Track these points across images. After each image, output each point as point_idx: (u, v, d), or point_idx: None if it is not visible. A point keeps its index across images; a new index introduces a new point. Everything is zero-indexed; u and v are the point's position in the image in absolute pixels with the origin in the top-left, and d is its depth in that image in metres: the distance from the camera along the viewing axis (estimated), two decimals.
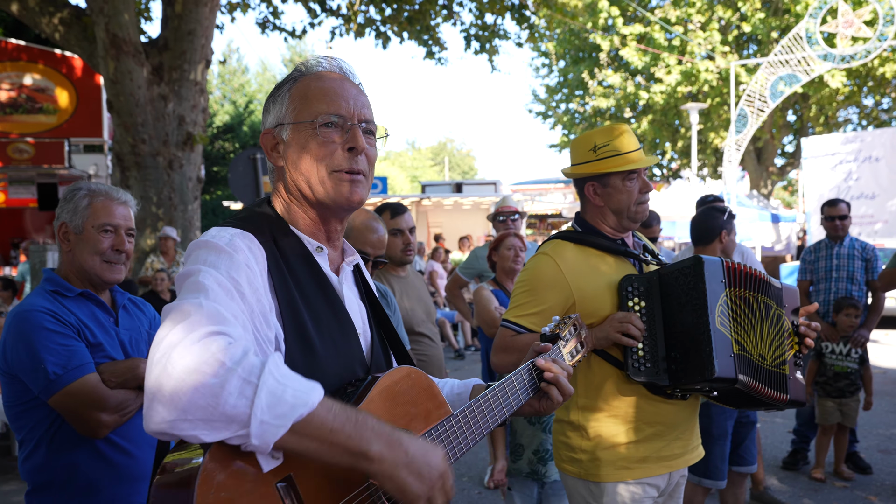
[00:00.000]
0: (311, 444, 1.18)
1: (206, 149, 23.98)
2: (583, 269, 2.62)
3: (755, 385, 2.40)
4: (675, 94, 24.70)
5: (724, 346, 2.36)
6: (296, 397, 1.16)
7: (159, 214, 9.60)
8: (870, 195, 15.79)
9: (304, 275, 1.50)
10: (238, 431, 1.13)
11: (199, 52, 9.67)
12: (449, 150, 73.80)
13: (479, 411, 1.57)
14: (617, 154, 2.64)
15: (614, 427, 2.57)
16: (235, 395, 1.11)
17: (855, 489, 5.54)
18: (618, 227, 2.71)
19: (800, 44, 16.69)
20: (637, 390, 2.56)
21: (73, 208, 2.42)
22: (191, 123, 9.75)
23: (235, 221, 1.48)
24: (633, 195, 2.66)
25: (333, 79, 1.56)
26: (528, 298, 2.63)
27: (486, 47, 13.39)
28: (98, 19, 9.03)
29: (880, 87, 24.49)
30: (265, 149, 1.58)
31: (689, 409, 2.67)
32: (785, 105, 25.08)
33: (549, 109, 32.54)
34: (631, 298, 2.54)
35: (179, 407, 1.10)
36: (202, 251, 1.37)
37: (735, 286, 2.47)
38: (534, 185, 33.72)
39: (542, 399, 1.75)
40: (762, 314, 2.50)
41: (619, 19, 24.75)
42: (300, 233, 1.55)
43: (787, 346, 2.52)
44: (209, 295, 1.25)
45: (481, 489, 5.74)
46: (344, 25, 13.01)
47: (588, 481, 2.59)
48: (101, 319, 2.44)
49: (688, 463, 2.68)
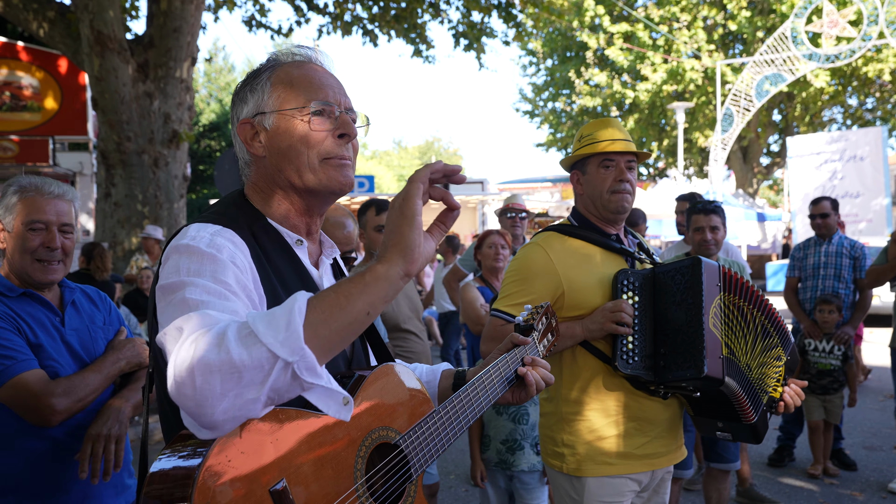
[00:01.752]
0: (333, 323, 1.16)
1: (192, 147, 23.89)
2: (574, 260, 2.62)
3: (738, 390, 2.41)
4: (660, 92, 24.80)
5: (714, 346, 2.36)
6: (283, 308, 1.13)
7: (145, 213, 9.53)
8: (854, 194, 15.93)
9: (285, 268, 1.47)
10: (275, 368, 1.08)
11: (184, 50, 9.61)
12: (436, 149, 73.80)
13: (460, 406, 1.55)
14: (596, 141, 2.67)
15: (596, 421, 2.57)
16: (245, 352, 1.08)
17: (840, 486, 5.57)
18: (602, 219, 2.71)
19: (785, 43, 16.80)
20: (620, 385, 2.57)
21: (5, 206, 2.28)
22: (176, 121, 9.69)
23: (212, 216, 1.44)
24: (607, 182, 2.65)
25: (314, 67, 1.55)
26: (518, 288, 2.63)
27: (473, 45, 13.39)
28: (83, 16, 8.95)
29: (864, 86, 24.72)
30: (242, 139, 1.52)
31: (671, 410, 2.67)
32: (770, 104, 25.25)
33: (535, 108, 32.62)
34: (625, 292, 2.54)
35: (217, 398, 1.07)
36: (183, 258, 1.31)
37: (729, 292, 2.47)
38: (521, 183, 33.81)
39: (517, 391, 1.75)
40: (758, 332, 2.50)
41: (606, 18, 24.83)
42: (279, 226, 1.52)
43: (772, 384, 2.52)
44: (199, 307, 1.22)
45: (468, 486, 5.74)
46: (331, 23, 12.97)
47: (570, 476, 2.60)
48: (45, 320, 2.31)
49: (671, 462, 2.69)
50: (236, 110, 1.54)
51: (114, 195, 9.57)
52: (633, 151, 2.68)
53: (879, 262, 5.64)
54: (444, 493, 5.59)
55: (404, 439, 1.41)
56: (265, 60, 1.57)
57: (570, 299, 2.58)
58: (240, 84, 1.57)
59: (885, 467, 5.99)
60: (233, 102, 1.56)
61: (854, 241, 6.12)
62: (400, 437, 1.42)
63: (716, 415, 2.58)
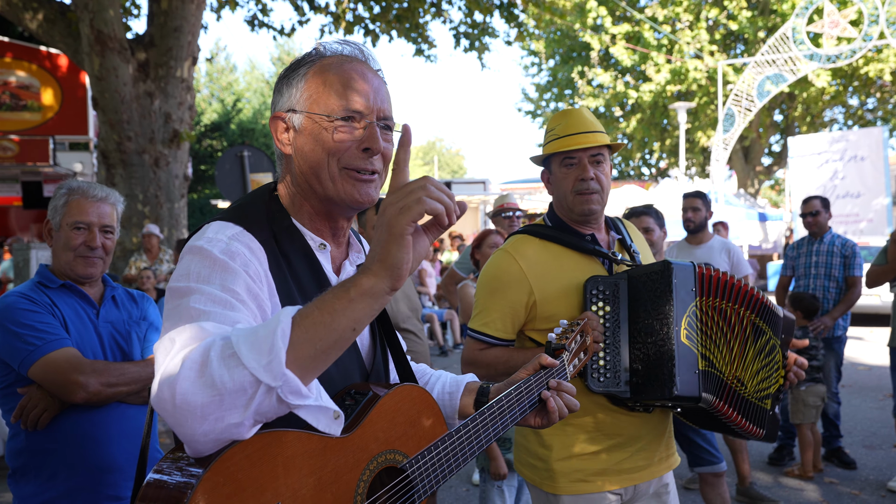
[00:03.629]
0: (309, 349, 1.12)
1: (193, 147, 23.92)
2: (546, 267, 2.42)
3: (722, 407, 2.19)
4: (663, 93, 24.80)
5: (688, 361, 2.15)
6: (267, 326, 1.11)
7: (145, 212, 9.54)
8: (855, 194, 15.91)
9: (304, 274, 1.43)
10: (258, 392, 1.07)
11: (185, 49, 9.61)
12: (438, 149, 73.79)
13: (475, 432, 1.50)
14: (556, 137, 2.43)
15: (571, 437, 2.40)
16: (227, 373, 1.06)
17: (840, 484, 5.57)
18: (571, 220, 2.49)
19: (786, 43, 16.79)
20: (597, 400, 2.37)
21: (54, 206, 2.53)
22: (177, 121, 9.69)
23: (236, 214, 1.41)
24: (569, 182, 2.41)
25: (355, 68, 1.47)
26: (489, 302, 2.45)
27: (475, 45, 13.39)
28: (83, 15, 8.95)
29: (865, 86, 24.69)
30: (273, 133, 1.49)
31: (655, 421, 2.48)
32: (772, 104, 25.22)
33: (538, 108, 32.59)
34: (595, 302, 2.32)
35: (196, 418, 1.06)
36: (195, 261, 1.29)
37: (708, 295, 2.23)
38: (523, 183, 33.78)
39: (540, 415, 1.69)
40: (747, 334, 2.27)
41: (608, 18, 24.82)
42: (303, 227, 1.48)
43: (773, 381, 2.31)
44: (200, 318, 1.21)
45: (469, 486, 5.74)
46: (333, 23, 12.97)
47: (544, 491, 2.45)
48: (80, 311, 2.52)
49: (653, 475, 2.48)
50: (274, 100, 1.51)
51: None
52: (595, 146, 2.40)
53: (879, 263, 5.64)
54: (445, 493, 5.59)
55: (411, 464, 1.38)
56: (309, 52, 1.51)
57: (542, 310, 2.39)
58: (282, 74, 1.52)
59: (884, 466, 5.99)
60: (275, 88, 1.53)
61: (846, 239, 6.12)
62: (407, 461, 1.38)
63: (714, 427, 2.41)
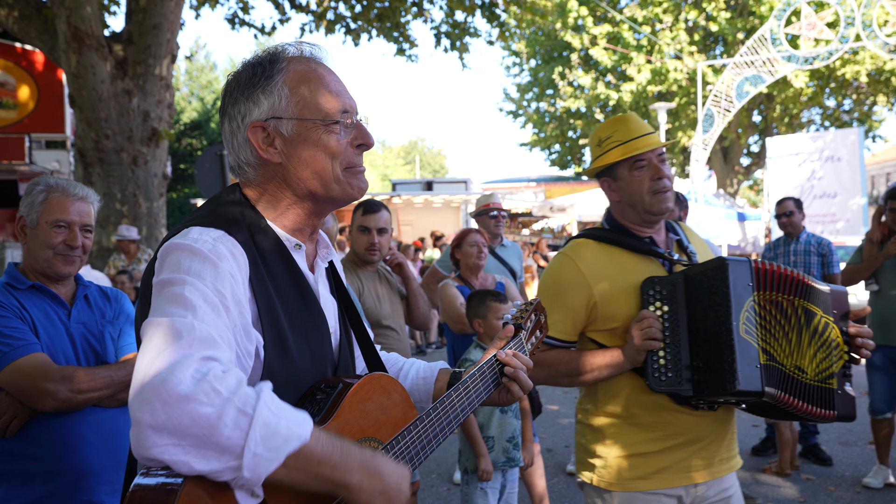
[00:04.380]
0: (297, 475, 1.18)
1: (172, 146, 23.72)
2: (605, 269, 2.46)
3: (786, 398, 2.18)
4: (644, 93, 24.96)
5: (749, 355, 2.16)
6: (289, 429, 1.15)
7: (123, 211, 9.44)
8: (832, 194, 16.11)
9: (281, 275, 1.45)
10: (229, 462, 1.10)
11: (164, 47, 9.53)
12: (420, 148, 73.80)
13: (444, 412, 1.55)
14: (619, 143, 2.47)
15: (633, 436, 2.41)
16: (231, 425, 1.09)
17: (817, 481, 5.63)
18: (641, 222, 2.52)
19: (764, 45, 16.95)
20: (660, 400, 2.38)
21: (30, 203, 2.46)
22: (156, 119, 9.60)
23: (213, 219, 1.41)
24: (644, 184, 2.44)
25: (325, 67, 1.52)
26: (550, 304, 2.42)
27: (456, 45, 13.40)
28: (59, 12, 8.85)
29: (842, 88, 25.02)
30: (255, 143, 1.45)
31: (721, 420, 2.46)
32: (750, 105, 25.47)
33: (519, 108, 32.69)
34: (652, 303, 2.36)
35: (173, 433, 1.08)
36: (185, 256, 1.30)
37: (765, 289, 2.25)
38: (504, 183, 33.90)
39: (503, 392, 1.74)
40: (801, 322, 2.26)
41: (589, 19, 24.94)
42: (280, 230, 1.49)
43: (834, 358, 2.27)
44: (197, 313, 1.21)
45: (450, 485, 5.74)
46: (314, 22, 12.92)
47: (600, 488, 2.45)
48: (51, 313, 2.44)
49: (713, 476, 2.45)
50: (241, 109, 1.47)
51: None
52: (662, 144, 2.48)
53: (854, 262, 5.71)
54: (426, 492, 5.59)
55: (387, 450, 1.40)
56: (272, 56, 1.50)
57: (602, 310, 2.42)
58: (244, 79, 1.48)
59: (859, 462, 6.06)
60: (233, 99, 1.48)
61: (821, 238, 6.19)
62: (382, 447, 1.41)
63: (785, 416, 2.39)
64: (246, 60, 1.53)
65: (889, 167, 41.90)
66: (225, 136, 1.53)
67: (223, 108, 1.52)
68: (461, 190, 21.68)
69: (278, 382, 1.33)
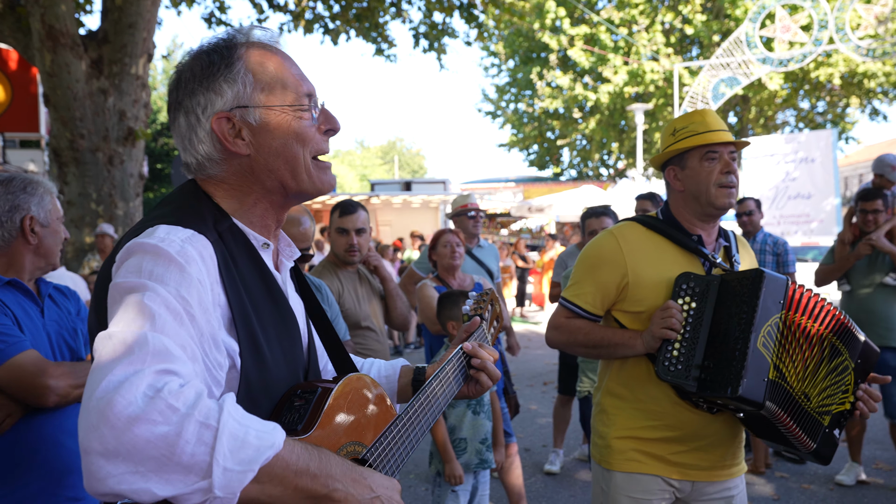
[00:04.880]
0: (273, 490, 1.08)
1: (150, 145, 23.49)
2: (646, 253, 2.52)
3: (783, 418, 2.22)
4: (621, 94, 25.13)
5: (759, 367, 2.19)
6: (260, 438, 1.04)
7: (99, 211, 9.34)
8: (806, 195, 16.32)
9: (251, 276, 1.36)
10: (197, 483, 0.99)
11: (140, 46, 9.44)
12: (398, 148, 73.69)
13: (422, 409, 1.53)
14: (695, 133, 2.49)
15: (634, 420, 2.52)
16: (193, 442, 0.98)
17: (790, 479, 5.71)
18: (701, 215, 2.54)
19: (740, 47, 17.15)
20: (665, 391, 2.46)
21: (38, 201, 2.48)
22: (132, 118, 9.51)
23: (178, 216, 1.30)
24: (713, 175, 2.47)
25: (284, 53, 1.44)
26: (584, 276, 2.58)
27: (434, 46, 13.41)
28: (33, 10, 8.74)
29: (816, 90, 25.36)
30: (220, 135, 1.36)
31: (722, 426, 2.48)
32: (726, 106, 25.74)
33: (498, 109, 32.78)
34: (682, 296, 2.41)
35: (128, 459, 0.96)
36: (148, 259, 1.18)
37: (794, 311, 2.28)
38: (483, 184, 33.95)
39: (472, 384, 1.73)
40: (825, 354, 2.29)
41: (566, 20, 25.07)
42: (245, 227, 1.40)
43: (838, 400, 2.31)
44: (156, 323, 1.10)
45: (428, 486, 5.75)
46: (292, 22, 12.87)
47: (601, 466, 2.59)
48: (28, 310, 2.44)
49: (713, 478, 2.50)
50: (201, 101, 1.37)
51: (66, 193, 9.36)
52: (735, 142, 2.52)
53: (826, 262, 5.80)
54: (404, 493, 5.59)
55: (371, 452, 1.36)
56: (227, 42, 1.40)
57: (633, 292, 2.49)
58: (200, 69, 1.38)
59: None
60: (189, 91, 1.38)
61: (777, 238, 6.29)
62: (367, 450, 1.37)
63: (772, 438, 2.42)
64: (197, 49, 1.42)
65: (862, 168, 42.55)
66: (180, 133, 1.40)
67: (176, 102, 1.40)
68: (440, 190, 21.69)
69: (254, 390, 1.28)
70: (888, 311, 5.33)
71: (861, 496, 5.33)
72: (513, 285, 17.71)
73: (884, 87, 25.16)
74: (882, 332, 5.31)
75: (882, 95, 26.15)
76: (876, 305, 5.32)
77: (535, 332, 14.54)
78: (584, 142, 31.08)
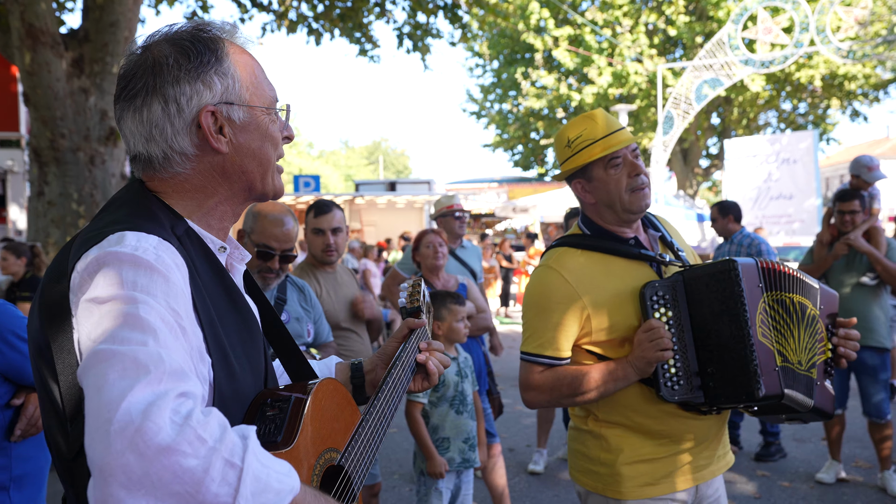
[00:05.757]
0: None
1: None
2: (595, 278, 2.33)
3: (797, 397, 2.18)
4: (605, 95, 25.25)
5: (767, 360, 2.13)
6: (281, 482, 0.98)
7: (80, 212, 9.26)
8: (788, 196, 16.48)
9: (212, 283, 1.30)
10: None
11: (122, 45, 9.36)
12: (383, 149, 73.62)
13: (382, 407, 1.54)
14: (591, 142, 2.34)
15: (638, 442, 2.34)
16: (218, 480, 0.91)
17: (771, 477, 5.76)
18: (621, 222, 2.41)
19: (722, 49, 17.28)
20: (666, 407, 2.30)
21: None
22: (114, 118, 9.42)
23: (140, 223, 1.21)
24: (622, 182, 2.33)
25: (256, 58, 1.42)
26: (540, 322, 2.36)
27: (418, 46, 13.40)
28: (12, 8, 8.65)
29: (797, 91, 25.60)
30: (206, 129, 1.30)
31: (719, 420, 2.42)
32: (709, 108, 25.93)
33: (482, 109, 32.82)
34: (657, 309, 2.26)
35: (151, 493, 0.88)
36: (127, 269, 1.09)
37: (772, 289, 2.22)
38: (468, 184, 33.96)
39: (419, 380, 1.75)
40: (798, 315, 2.25)
41: (551, 21, 25.14)
42: (201, 230, 1.34)
43: (818, 350, 2.28)
44: (159, 338, 1.02)
45: (412, 486, 5.74)
46: (275, 21, 12.82)
47: (607, 497, 2.37)
48: None
49: (714, 474, 2.44)
50: (186, 90, 1.29)
51: (47, 194, 9.27)
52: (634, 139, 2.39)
53: (806, 262, 5.86)
54: (388, 493, 5.59)
55: (345, 458, 1.35)
56: (210, 34, 1.35)
57: (597, 322, 2.30)
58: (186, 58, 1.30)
59: (812, 458, 6.22)
60: (173, 79, 1.29)
61: (753, 238, 6.37)
62: (341, 456, 1.36)
63: (775, 412, 2.37)
64: (174, 35, 1.34)
65: (842, 169, 42.96)
66: (148, 121, 1.30)
67: (150, 87, 1.29)
68: (424, 190, 21.69)
69: (227, 403, 1.21)
70: (866, 311, 5.39)
71: (841, 494, 5.39)
72: (497, 285, 17.75)
73: (864, 88, 25.44)
74: (861, 331, 5.32)
75: (862, 97, 26.44)
76: (854, 305, 5.38)
77: (518, 332, 14.56)
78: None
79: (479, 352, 4.72)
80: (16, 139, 15.71)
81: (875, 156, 7.18)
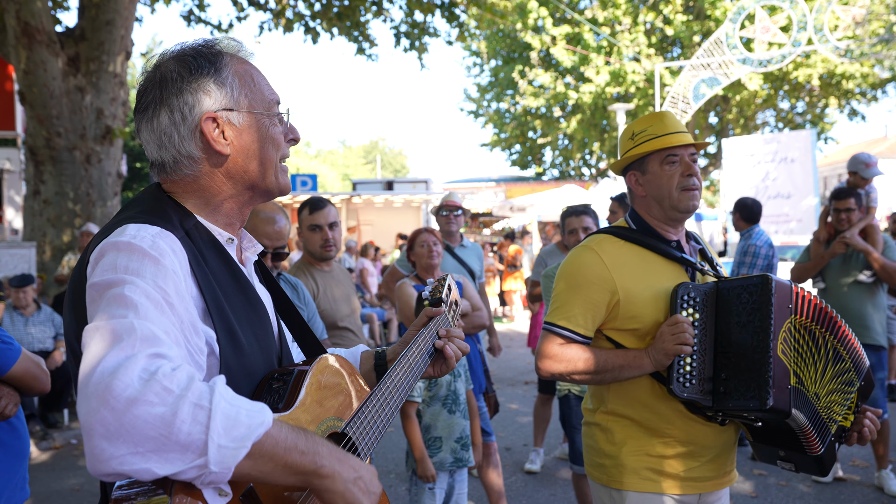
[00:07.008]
0: (265, 466, 1.14)
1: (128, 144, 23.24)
2: (631, 267, 2.41)
3: (805, 423, 2.21)
4: (603, 94, 25.24)
5: (782, 376, 2.16)
6: (250, 417, 1.11)
7: (76, 211, 9.24)
8: (786, 195, 16.47)
9: (219, 269, 1.44)
10: (195, 461, 1.06)
11: (118, 44, 9.35)
12: (381, 148, 73.62)
13: (394, 386, 1.60)
14: (654, 136, 2.44)
15: (644, 437, 2.39)
16: (189, 421, 1.05)
17: (768, 476, 5.76)
18: (666, 219, 2.47)
19: (720, 48, 17.28)
20: (673, 405, 2.36)
21: None
22: (110, 117, 9.42)
23: (145, 216, 1.36)
24: (674, 179, 2.41)
25: (257, 67, 1.56)
26: (571, 297, 2.41)
27: (415, 45, 13.38)
28: (8, 6, 8.63)
29: (795, 90, 25.61)
30: (207, 134, 1.42)
31: (727, 435, 2.45)
32: (707, 107, 25.94)
33: (480, 108, 32.80)
34: (685, 308, 2.32)
35: (128, 440, 1.03)
36: (122, 255, 1.25)
37: (801, 315, 2.25)
38: (465, 183, 33.95)
39: (437, 365, 1.82)
40: (829, 357, 2.28)
41: (549, 20, 25.13)
42: (209, 224, 1.48)
43: (843, 413, 2.30)
44: (139, 311, 1.16)
45: (408, 484, 5.73)
46: (272, 20, 12.80)
47: (610, 488, 2.42)
48: None
49: (717, 487, 2.46)
50: (189, 100, 1.43)
51: (43, 192, 9.25)
52: (695, 143, 2.45)
53: (802, 261, 5.86)
54: (385, 492, 5.57)
55: (350, 427, 1.44)
56: (213, 48, 1.49)
57: (625, 309, 2.37)
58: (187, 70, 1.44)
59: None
60: (177, 90, 1.43)
61: (754, 238, 6.38)
62: (346, 424, 1.45)
63: (777, 443, 2.38)
64: (180, 52, 1.48)
65: (840, 168, 43.04)
66: (158, 130, 1.44)
67: (158, 100, 1.44)
68: (422, 190, 21.64)
69: (234, 376, 1.33)
70: (863, 309, 5.38)
71: (838, 492, 5.38)
72: (495, 283, 17.73)
73: (861, 87, 25.45)
74: (857, 329, 5.35)
75: (860, 96, 26.45)
76: (851, 303, 5.37)
77: (515, 331, 14.56)
78: (565, 141, 31.19)
79: (474, 350, 4.71)
80: (12, 138, 15.68)
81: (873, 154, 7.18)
